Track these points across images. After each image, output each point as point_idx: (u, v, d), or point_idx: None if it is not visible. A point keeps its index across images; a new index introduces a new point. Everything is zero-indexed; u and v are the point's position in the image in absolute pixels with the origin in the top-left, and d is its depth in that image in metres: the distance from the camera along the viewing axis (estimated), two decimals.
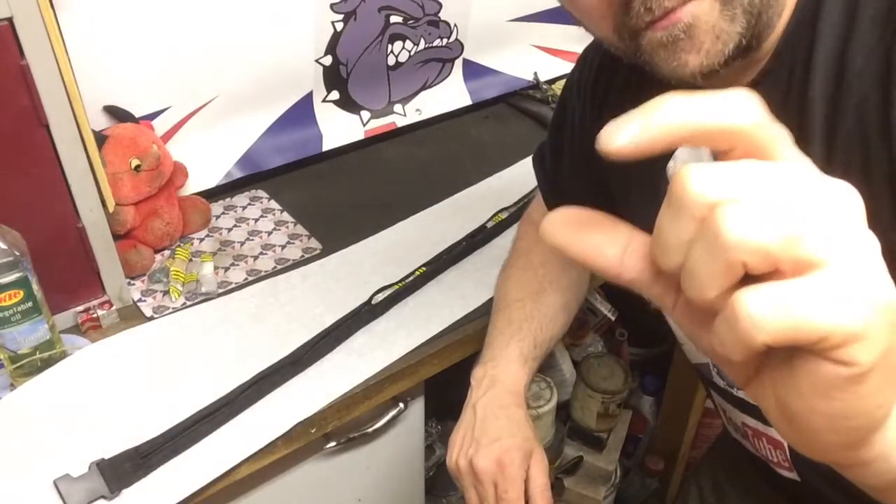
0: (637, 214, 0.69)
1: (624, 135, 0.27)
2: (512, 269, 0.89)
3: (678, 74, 0.50)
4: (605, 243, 0.30)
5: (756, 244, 0.24)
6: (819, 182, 0.26)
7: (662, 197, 0.27)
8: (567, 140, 0.81)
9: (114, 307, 0.91)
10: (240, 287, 0.98)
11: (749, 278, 0.25)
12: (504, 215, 1.10)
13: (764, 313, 0.25)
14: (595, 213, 0.30)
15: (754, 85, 0.55)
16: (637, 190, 0.68)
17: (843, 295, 0.25)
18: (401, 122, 1.31)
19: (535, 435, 0.76)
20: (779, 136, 0.27)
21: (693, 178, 0.26)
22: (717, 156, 0.28)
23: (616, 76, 0.70)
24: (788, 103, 0.54)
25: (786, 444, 0.68)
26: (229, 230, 1.09)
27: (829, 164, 0.52)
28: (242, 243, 1.07)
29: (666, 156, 0.62)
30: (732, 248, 0.25)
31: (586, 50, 0.78)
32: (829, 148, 0.52)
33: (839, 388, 0.26)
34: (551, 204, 0.88)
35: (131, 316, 0.93)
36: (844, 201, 0.26)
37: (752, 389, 0.30)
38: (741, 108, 0.26)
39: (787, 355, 0.27)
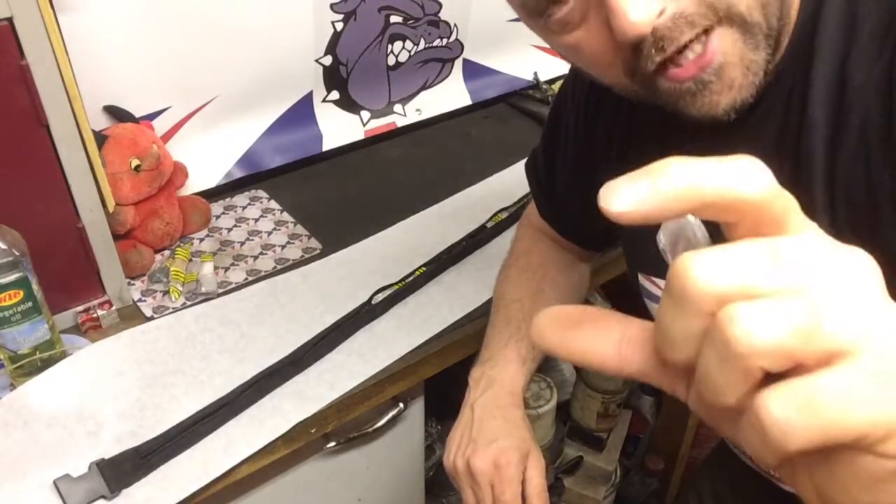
0: (637, 238, 0.69)
1: (628, 198, 0.24)
2: (511, 270, 0.89)
3: (709, 115, 0.48)
4: (597, 339, 0.27)
5: (772, 347, 0.22)
6: (830, 257, 0.24)
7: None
8: (561, 148, 0.80)
9: (114, 307, 0.91)
10: (240, 287, 0.98)
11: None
12: (504, 215, 1.10)
13: (793, 419, 0.22)
14: (584, 310, 0.28)
15: (753, 106, 0.53)
16: None
17: (876, 385, 0.22)
18: (401, 122, 1.31)
19: (532, 435, 0.76)
20: (790, 207, 0.25)
21: (695, 269, 0.23)
22: (721, 227, 0.26)
23: (603, 106, 0.70)
24: (788, 123, 0.53)
25: None
26: (229, 230, 1.09)
27: (831, 184, 0.51)
28: (242, 243, 1.07)
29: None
30: (746, 355, 0.22)
31: (572, 75, 0.77)
32: (831, 167, 0.51)
33: (885, 480, 0.24)
34: (544, 210, 0.88)
35: (131, 316, 0.93)
36: (859, 275, 0.24)
37: (786, 476, 0.28)
38: (752, 177, 0.24)
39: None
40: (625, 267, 0.77)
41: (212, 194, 1.13)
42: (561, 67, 1.46)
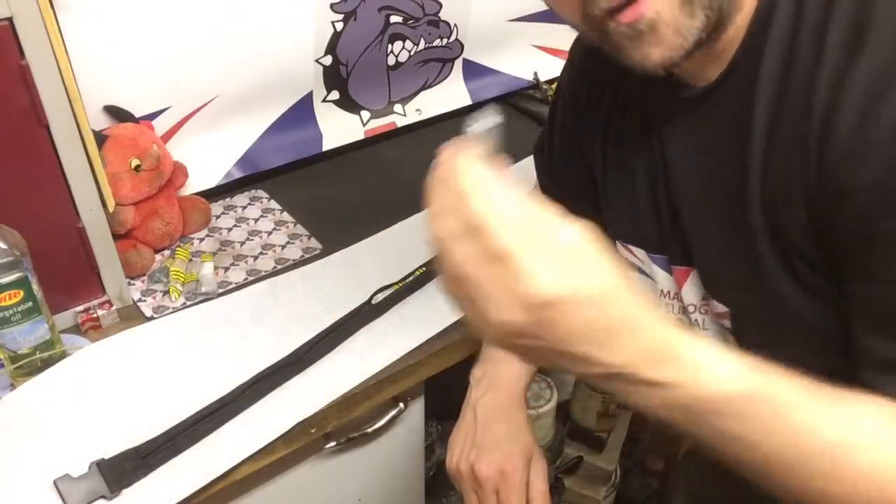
0: (614, 205, 0.70)
1: None
2: None
3: (642, 65, 0.53)
4: None
5: None
6: None
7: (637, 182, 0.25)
8: (557, 134, 0.82)
9: (114, 307, 0.91)
10: (240, 287, 0.98)
11: None
12: None
13: None
14: None
15: (714, 88, 0.57)
16: (613, 181, 0.69)
17: None
18: (401, 122, 1.31)
19: (534, 439, 0.76)
20: None
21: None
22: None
23: (595, 76, 0.72)
24: (742, 107, 0.55)
25: None
26: (229, 230, 1.09)
27: (765, 176, 0.54)
28: (242, 243, 1.07)
29: (640, 146, 0.65)
30: None
31: (571, 48, 0.80)
32: (767, 160, 0.53)
33: None
34: (547, 191, 0.89)
35: (131, 316, 0.93)
36: None
37: None
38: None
39: None
40: None
41: (212, 194, 1.13)
42: (561, 67, 1.46)
